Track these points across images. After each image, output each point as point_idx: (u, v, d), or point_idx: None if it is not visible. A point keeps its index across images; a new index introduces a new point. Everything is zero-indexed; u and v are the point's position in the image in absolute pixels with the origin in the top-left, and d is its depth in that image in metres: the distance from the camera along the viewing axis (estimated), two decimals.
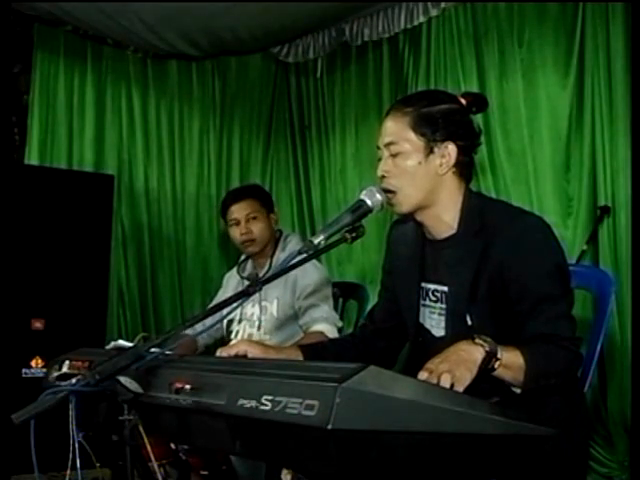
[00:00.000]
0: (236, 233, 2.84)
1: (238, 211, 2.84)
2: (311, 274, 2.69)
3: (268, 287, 2.19)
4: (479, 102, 1.79)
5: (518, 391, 1.53)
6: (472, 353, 1.44)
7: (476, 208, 1.72)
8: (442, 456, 1.22)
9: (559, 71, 3.57)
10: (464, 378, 1.38)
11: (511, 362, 1.49)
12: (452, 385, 1.35)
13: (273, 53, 4.79)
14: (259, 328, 2.80)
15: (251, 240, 2.82)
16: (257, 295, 2.65)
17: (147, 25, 4.07)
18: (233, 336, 2.86)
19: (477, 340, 1.47)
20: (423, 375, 1.38)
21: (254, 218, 2.82)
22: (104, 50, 4.43)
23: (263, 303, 2.80)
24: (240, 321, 2.87)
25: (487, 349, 1.45)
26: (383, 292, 2.01)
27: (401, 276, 1.88)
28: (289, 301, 2.75)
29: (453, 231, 1.73)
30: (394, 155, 1.70)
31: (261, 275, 2.83)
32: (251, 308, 2.83)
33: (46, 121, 4.14)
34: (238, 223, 2.83)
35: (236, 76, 4.94)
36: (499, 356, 1.47)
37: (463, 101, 1.76)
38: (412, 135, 1.68)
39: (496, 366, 1.47)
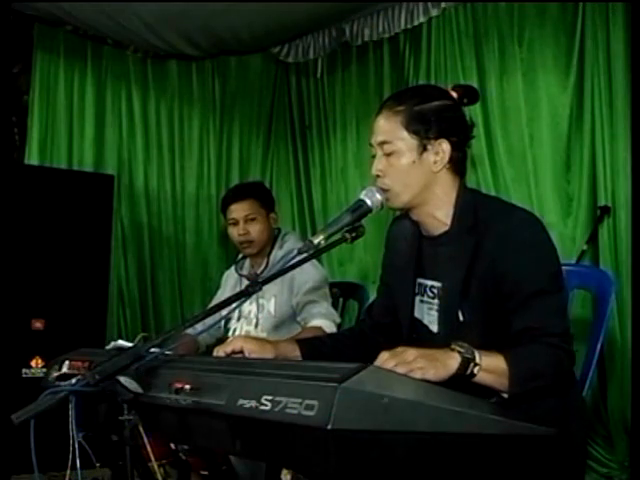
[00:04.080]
0: (234, 233, 2.85)
1: (237, 211, 2.83)
2: (309, 272, 2.69)
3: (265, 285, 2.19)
4: (470, 94, 1.78)
5: (505, 396, 1.50)
6: (446, 358, 1.42)
7: (470, 204, 1.71)
8: (442, 456, 1.22)
9: (559, 71, 3.57)
10: (424, 371, 1.35)
11: (493, 367, 1.47)
12: None
13: (273, 53, 4.79)
14: (256, 326, 2.80)
15: (249, 242, 2.82)
16: None
17: (147, 25, 4.08)
18: (231, 333, 2.86)
19: (453, 346, 1.45)
20: (383, 356, 1.38)
21: (253, 219, 2.82)
22: (104, 50, 4.43)
23: (260, 301, 2.79)
24: (238, 319, 2.87)
25: (463, 354, 1.43)
26: (382, 288, 2.01)
27: (398, 272, 1.88)
28: (286, 299, 2.75)
29: (447, 227, 1.73)
30: (388, 154, 1.69)
31: (258, 272, 2.83)
32: (248, 306, 2.82)
33: (46, 121, 4.15)
34: (236, 223, 2.83)
35: (236, 76, 4.94)
36: (478, 361, 1.44)
37: (454, 94, 1.75)
38: (405, 134, 1.68)
39: (475, 371, 1.44)
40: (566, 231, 3.47)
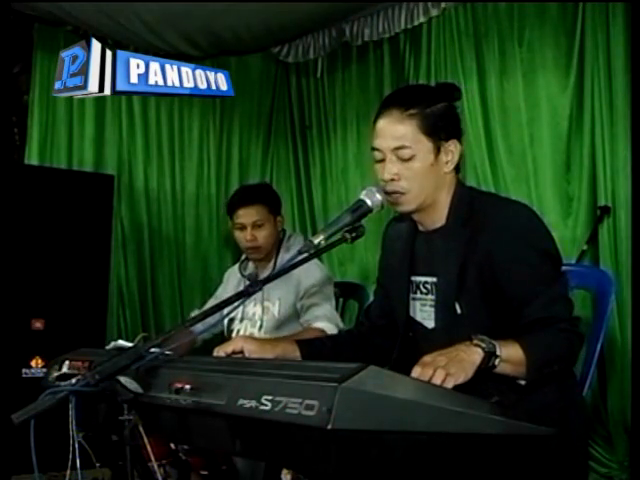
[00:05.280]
0: (241, 238, 2.83)
1: (245, 216, 2.80)
2: (314, 274, 2.69)
3: (270, 287, 2.19)
4: (452, 91, 1.79)
5: (523, 383, 1.54)
6: (471, 354, 1.45)
7: (465, 199, 1.73)
8: (442, 456, 1.22)
9: (559, 71, 3.56)
10: (457, 376, 1.38)
11: (511, 356, 1.50)
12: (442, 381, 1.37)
13: (273, 53, 4.79)
14: (260, 328, 2.79)
15: (256, 247, 2.80)
16: (259, 295, 2.64)
17: (147, 25, 4.08)
18: (234, 335, 2.85)
19: (475, 341, 1.48)
20: (417, 370, 1.39)
21: (261, 225, 2.79)
22: None
23: (265, 303, 2.79)
24: (242, 320, 2.86)
25: (485, 349, 1.46)
26: (379, 290, 2.03)
27: (393, 272, 1.90)
28: (291, 301, 2.75)
29: (443, 222, 1.74)
30: (406, 159, 1.68)
31: (264, 277, 2.82)
32: (253, 307, 2.82)
33: (46, 121, 4.13)
34: (244, 228, 2.81)
35: (236, 76, 4.92)
36: (498, 353, 1.48)
37: None
38: (422, 137, 1.68)
39: (496, 363, 1.48)
40: (566, 231, 3.46)
